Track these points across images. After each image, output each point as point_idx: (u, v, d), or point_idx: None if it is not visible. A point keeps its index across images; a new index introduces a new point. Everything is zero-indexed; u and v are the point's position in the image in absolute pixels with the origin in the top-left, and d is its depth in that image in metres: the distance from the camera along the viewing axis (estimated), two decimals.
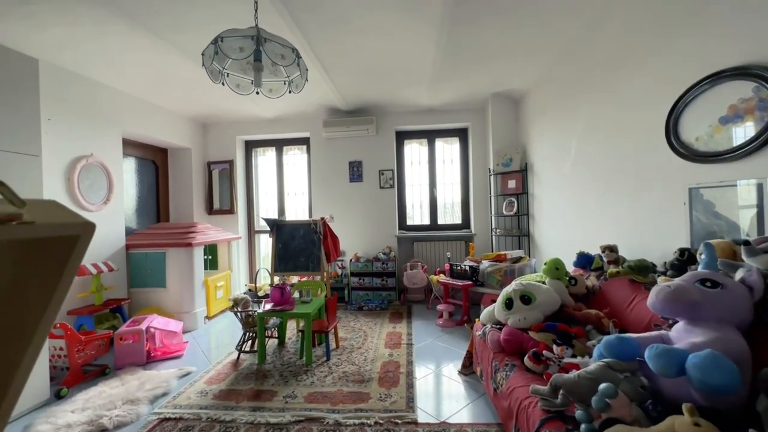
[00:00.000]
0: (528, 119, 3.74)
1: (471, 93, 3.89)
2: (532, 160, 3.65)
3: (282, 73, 1.86)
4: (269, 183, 4.99)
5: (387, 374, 2.41)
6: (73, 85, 2.97)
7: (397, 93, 3.85)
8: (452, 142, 4.70)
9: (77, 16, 2.25)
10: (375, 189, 4.53)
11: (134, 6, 2.16)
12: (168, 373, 2.47)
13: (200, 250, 3.64)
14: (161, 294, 3.47)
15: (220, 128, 4.73)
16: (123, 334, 2.68)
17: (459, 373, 2.41)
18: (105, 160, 3.25)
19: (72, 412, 1.99)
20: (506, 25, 2.47)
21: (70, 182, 2.92)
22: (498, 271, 3.31)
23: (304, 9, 2.23)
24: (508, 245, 4.03)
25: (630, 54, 2.07)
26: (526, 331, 1.80)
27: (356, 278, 4.26)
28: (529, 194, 3.74)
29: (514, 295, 1.93)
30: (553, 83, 3.11)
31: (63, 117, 2.87)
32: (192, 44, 2.62)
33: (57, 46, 2.58)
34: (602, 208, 2.40)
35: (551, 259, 2.09)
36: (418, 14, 2.35)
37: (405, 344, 2.94)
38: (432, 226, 4.68)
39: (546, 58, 2.96)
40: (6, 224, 0.27)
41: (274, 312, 2.62)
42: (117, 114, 3.40)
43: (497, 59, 3.02)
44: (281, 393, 2.19)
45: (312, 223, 3.73)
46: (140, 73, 3.11)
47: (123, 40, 2.54)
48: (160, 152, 4.37)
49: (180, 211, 4.48)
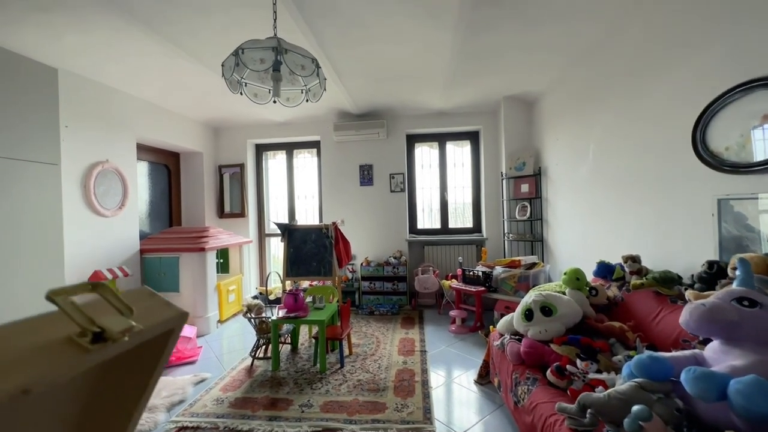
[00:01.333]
0: (542, 123, 3.69)
1: (483, 96, 3.85)
2: (546, 164, 3.60)
3: (300, 82, 1.85)
4: (279, 186, 5.00)
5: (402, 383, 2.39)
6: (88, 92, 3.00)
7: (409, 97, 3.83)
8: (463, 145, 4.66)
9: (93, 23, 2.26)
10: (386, 193, 4.51)
11: (150, 13, 2.17)
12: (184, 380, 2.48)
13: (213, 254, 3.65)
14: (175, 298, 3.48)
15: (231, 132, 4.75)
16: None
17: (475, 382, 2.39)
18: (120, 165, 3.28)
19: None
20: (522, 29, 2.44)
21: (87, 188, 2.94)
22: (512, 277, 3.27)
23: (320, 15, 2.22)
24: (520, 250, 3.98)
25: (652, 59, 2.02)
26: (548, 344, 1.77)
27: (367, 282, 4.25)
28: (543, 199, 3.69)
29: (534, 306, 1.89)
30: (569, 87, 3.06)
31: (79, 123, 2.90)
32: (205, 50, 2.63)
33: (72, 53, 2.60)
34: (622, 215, 2.35)
35: (571, 269, 2.05)
36: (434, 20, 2.33)
37: (418, 351, 2.92)
38: (443, 230, 4.65)
39: (562, 62, 2.91)
40: (119, 341, 0.26)
41: (288, 319, 2.62)
42: (131, 119, 3.43)
43: (512, 63, 2.98)
44: (297, 402, 2.19)
45: (323, 227, 3.73)
46: (154, 79, 3.13)
47: (137, 47, 2.55)
48: (173, 156, 4.40)
49: (192, 214, 4.51)
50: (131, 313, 0.27)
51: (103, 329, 0.27)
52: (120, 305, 0.28)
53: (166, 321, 0.28)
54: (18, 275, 1.94)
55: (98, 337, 0.27)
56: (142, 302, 0.30)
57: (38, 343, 0.25)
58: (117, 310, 0.28)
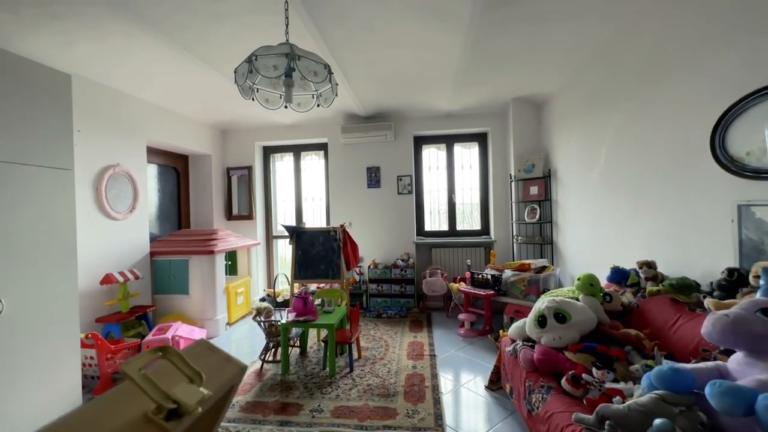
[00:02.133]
0: (551, 124, 3.66)
1: (492, 98, 3.82)
2: (556, 166, 3.57)
3: (311, 87, 1.84)
4: (287, 188, 5.02)
5: (412, 388, 2.38)
6: (100, 96, 3.02)
7: (416, 99, 3.81)
8: (471, 147, 4.63)
9: (106, 30, 2.28)
10: (393, 195, 4.50)
11: (162, 20, 2.18)
12: None
13: (222, 257, 3.67)
14: (184, 301, 3.51)
15: (239, 134, 4.77)
16: (150, 343, 2.72)
17: (486, 388, 2.37)
18: (130, 168, 3.31)
19: None
20: (534, 30, 2.41)
21: (98, 192, 2.97)
22: (521, 281, 3.25)
23: (331, 20, 2.22)
24: (529, 253, 3.95)
25: (668, 61, 1.98)
26: (562, 351, 1.75)
27: (375, 285, 4.24)
28: (553, 201, 3.66)
29: (547, 312, 1.87)
30: (580, 88, 3.03)
31: (90, 128, 2.93)
32: (216, 55, 2.64)
33: (85, 60, 2.63)
34: (636, 220, 2.32)
35: (585, 275, 2.02)
36: (444, 24, 2.31)
37: (428, 355, 2.91)
38: (450, 233, 4.63)
39: (574, 63, 2.88)
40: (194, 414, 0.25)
41: (298, 323, 2.62)
42: (141, 123, 3.46)
43: (522, 64, 2.95)
44: (307, 406, 2.19)
45: (331, 230, 3.73)
46: (164, 83, 3.15)
47: (149, 52, 2.57)
48: (182, 159, 4.43)
49: (200, 216, 4.54)
50: (201, 379, 0.26)
51: (178, 403, 0.26)
52: (189, 371, 0.27)
53: (230, 379, 0.28)
54: (35, 279, 1.96)
55: (173, 412, 0.26)
56: (204, 359, 0.29)
57: (119, 428, 0.24)
58: (186, 377, 0.27)
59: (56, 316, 2.08)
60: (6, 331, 1.82)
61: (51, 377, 2.04)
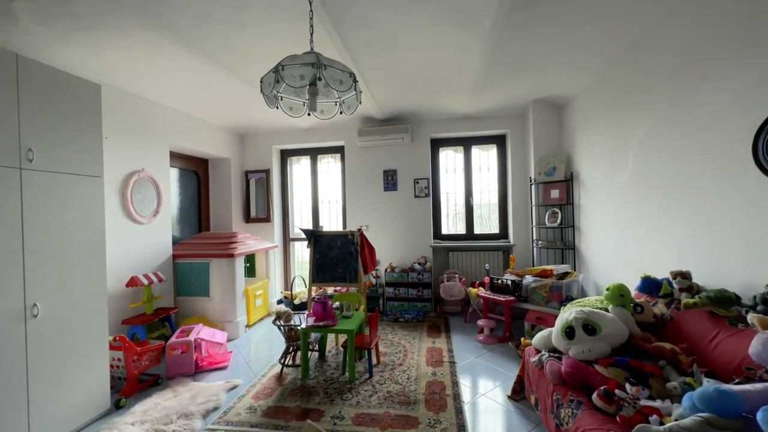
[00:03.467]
0: (574, 126, 3.56)
1: (511, 99, 3.75)
2: (579, 169, 3.48)
3: (334, 94, 1.84)
4: (304, 191, 5.05)
5: (433, 396, 2.35)
6: (126, 104, 3.11)
7: (434, 102, 3.78)
8: (489, 149, 4.57)
9: (133, 40, 2.33)
10: (410, 198, 4.47)
11: (188, 30, 2.21)
12: (217, 386, 2.53)
13: (241, 260, 3.72)
14: (205, 303, 3.57)
15: (257, 138, 4.83)
16: (174, 345, 2.78)
17: (509, 398, 2.32)
18: (154, 173, 3.38)
19: (132, 425, 2.07)
20: (557, 31, 2.35)
21: (124, 197, 3.05)
22: (543, 287, 3.17)
23: (354, 28, 2.21)
24: (550, 258, 3.86)
25: (702, 61, 1.89)
26: (592, 364, 1.69)
27: (391, 288, 4.23)
28: (575, 205, 3.56)
29: (575, 323, 1.81)
30: (604, 89, 2.94)
31: (117, 134, 3.01)
32: (238, 62, 2.67)
33: (112, 68, 2.70)
34: (667, 227, 2.23)
35: (615, 285, 1.95)
36: (467, 27, 2.28)
37: (447, 362, 2.87)
38: (468, 236, 4.57)
39: (598, 64, 2.80)
40: None
41: (318, 327, 2.62)
42: (165, 129, 3.54)
43: (544, 65, 2.88)
44: (328, 413, 2.19)
45: (349, 233, 3.73)
46: (187, 90, 3.21)
47: (173, 61, 2.62)
48: (202, 163, 4.51)
49: (219, 219, 4.61)
50: None
51: None
52: None
53: None
54: (67, 282, 2.02)
55: None
56: None
57: None
58: None
59: (87, 318, 2.15)
60: (41, 333, 1.88)
61: (81, 377, 2.11)
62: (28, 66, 1.87)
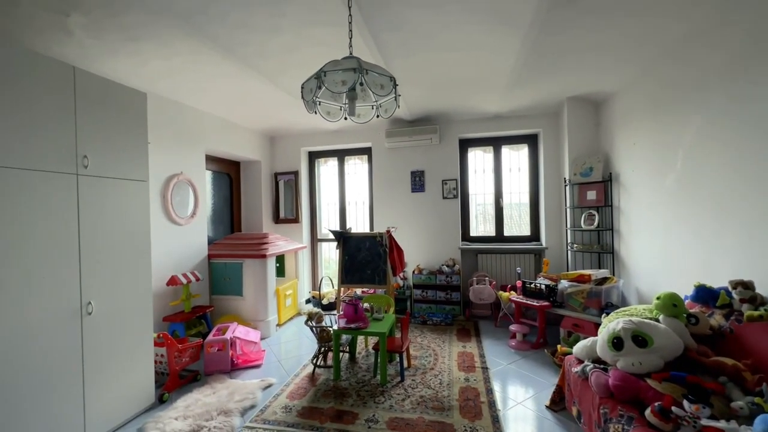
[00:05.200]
0: (613, 125, 3.40)
1: (544, 97, 3.63)
2: (619, 170, 3.31)
3: (371, 98, 1.84)
4: (331, 192, 5.10)
5: (467, 403, 2.31)
6: (166, 110, 3.24)
7: (464, 102, 3.71)
8: (520, 149, 4.44)
9: (175, 49, 2.42)
10: (438, 199, 4.42)
11: (226, 37, 2.27)
12: (253, 384, 2.59)
13: (272, 260, 3.80)
14: (239, 302, 3.67)
15: (287, 141, 4.92)
16: (211, 343, 2.87)
17: (547, 408, 2.24)
18: (191, 176, 3.51)
19: (175, 420, 2.15)
20: (600, 25, 2.23)
21: (165, 199, 3.19)
22: (580, 293, 3.05)
23: (388, 30, 2.20)
24: (585, 262, 3.71)
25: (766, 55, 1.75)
26: (643, 378, 1.60)
27: (419, 290, 4.20)
28: (614, 207, 3.40)
29: (624, 334, 1.73)
30: (649, 85, 2.78)
31: (158, 139, 3.14)
32: (273, 67, 2.72)
33: (155, 77, 2.82)
34: (723, 233, 2.08)
35: (666, 293, 1.84)
36: (504, 26, 2.21)
37: (479, 368, 2.81)
38: (498, 238, 4.47)
39: (643, 59, 2.65)
40: None
41: (350, 330, 2.64)
42: (202, 133, 3.67)
43: (582, 62, 2.76)
44: (362, 416, 2.19)
45: (377, 235, 3.73)
46: (223, 96, 3.31)
47: (212, 68, 2.70)
48: (234, 165, 4.65)
49: (251, 220, 4.74)
50: None
51: None
52: None
53: None
54: (117, 282, 2.13)
55: None
56: None
57: None
58: None
59: (134, 315, 2.26)
60: (95, 330, 1.99)
61: (130, 372, 2.22)
62: (84, 77, 1.98)
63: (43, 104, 1.78)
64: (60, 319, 1.82)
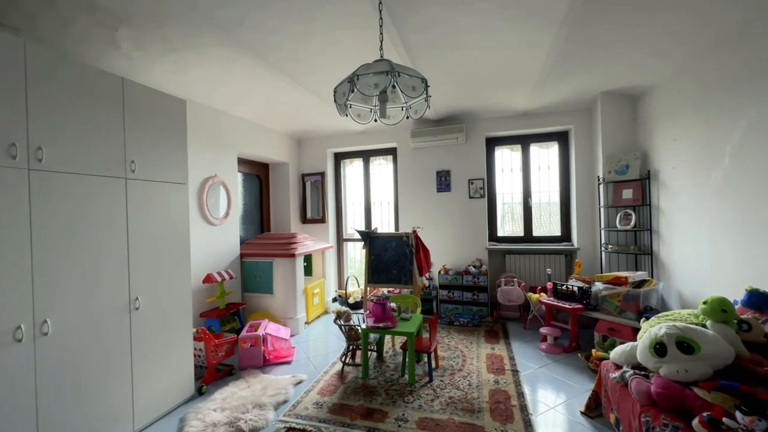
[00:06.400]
0: (652, 119, 3.24)
1: (576, 93, 3.51)
2: (658, 167, 3.15)
3: (401, 99, 1.85)
4: (356, 193, 5.16)
5: (498, 405, 2.28)
6: (201, 115, 3.39)
7: (491, 100, 3.65)
8: (550, 147, 4.32)
9: (211, 57, 2.53)
10: (464, 199, 4.37)
11: (259, 44, 2.35)
12: (285, 380, 2.67)
13: (301, 259, 3.89)
14: (269, 300, 3.79)
15: (313, 142, 5.03)
16: (245, 339, 2.98)
17: (582, 414, 2.17)
18: (225, 178, 3.66)
19: (214, 411, 2.26)
20: (641, 16, 2.13)
21: (201, 201, 3.34)
22: (616, 296, 2.93)
23: (417, 30, 2.21)
24: (621, 263, 3.55)
25: None
26: (689, 386, 1.53)
27: (445, 291, 4.17)
28: (653, 206, 3.24)
29: (667, 340, 1.65)
30: (694, 77, 2.63)
31: (195, 143, 3.29)
32: (302, 71, 2.79)
33: (192, 84, 2.96)
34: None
35: (715, 298, 1.74)
36: (535, 21, 2.16)
37: (509, 370, 2.76)
38: (526, 239, 4.36)
39: (687, 49, 2.50)
40: None
41: (378, 329, 2.66)
42: (234, 137, 3.81)
43: (619, 54, 2.64)
44: (392, 414, 2.21)
45: (404, 235, 3.74)
46: (255, 100, 3.43)
47: (245, 73, 2.80)
48: (263, 167, 4.80)
49: (279, 220, 4.87)
50: None
51: None
52: None
53: None
54: (160, 279, 2.26)
55: None
56: None
57: None
58: None
59: (176, 311, 2.38)
60: (141, 324, 2.12)
61: (172, 364, 2.34)
62: (131, 87, 2.11)
63: (98, 114, 1.91)
64: (114, 312, 1.96)
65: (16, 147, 1.55)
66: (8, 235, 1.53)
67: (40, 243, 1.63)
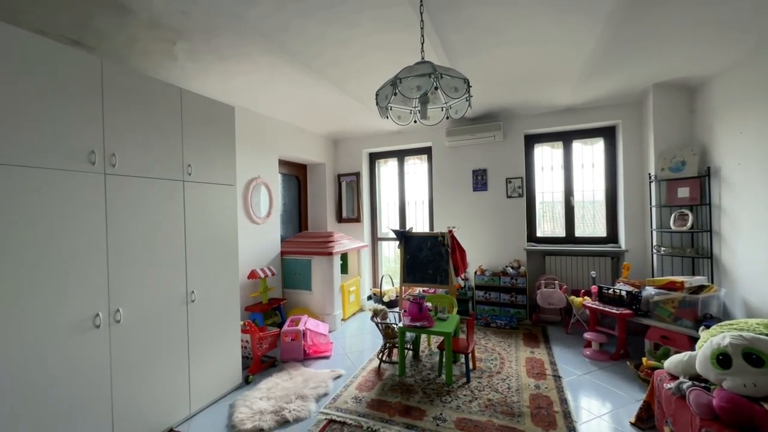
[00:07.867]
0: (712, 112, 2.99)
1: (625, 86, 3.31)
2: (719, 164, 2.91)
3: (441, 99, 1.85)
4: (391, 192, 5.20)
5: (539, 411, 2.22)
6: (246, 120, 3.58)
7: (531, 96, 3.54)
8: (594, 143, 4.11)
9: (257, 64, 2.66)
10: (501, 198, 4.27)
11: (303, 51, 2.44)
12: (324, 374, 2.77)
13: (338, 257, 4.00)
14: (307, 296, 3.94)
15: (349, 143, 5.13)
16: (287, 333, 3.12)
17: (632, 425, 2.06)
18: (267, 179, 3.84)
19: (260, 399, 2.39)
20: (700, 2, 1.98)
21: (246, 201, 3.53)
22: (671, 302, 2.74)
23: (456, 30, 2.20)
24: (675, 267, 3.31)
25: None
26: (759, 402, 1.41)
27: (481, 292, 4.10)
28: (713, 206, 2.99)
29: (732, 350, 1.53)
30: (760, 65, 2.40)
31: (239, 146, 3.47)
32: (342, 75, 2.87)
33: (238, 90, 3.13)
34: None
35: None
36: (582, 14, 2.07)
37: (551, 375, 2.68)
38: (567, 239, 4.18)
39: (755, 34, 2.28)
40: None
41: (415, 328, 2.68)
42: (275, 140, 3.99)
43: (675, 44, 2.46)
44: (430, 413, 2.22)
45: (439, 235, 3.73)
46: (295, 104, 3.57)
47: (287, 79, 2.92)
48: (302, 168, 4.97)
49: (316, 219, 5.03)
50: None
51: None
52: None
53: None
54: (213, 273, 2.43)
55: None
56: None
57: None
58: None
59: (225, 304, 2.55)
60: (197, 315, 2.29)
61: (222, 354, 2.51)
62: (187, 96, 2.29)
63: (160, 121, 2.09)
64: (174, 304, 2.14)
65: (95, 154, 1.74)
66: (90, 233, 1.72)
67: (114, 240, 1.82)
